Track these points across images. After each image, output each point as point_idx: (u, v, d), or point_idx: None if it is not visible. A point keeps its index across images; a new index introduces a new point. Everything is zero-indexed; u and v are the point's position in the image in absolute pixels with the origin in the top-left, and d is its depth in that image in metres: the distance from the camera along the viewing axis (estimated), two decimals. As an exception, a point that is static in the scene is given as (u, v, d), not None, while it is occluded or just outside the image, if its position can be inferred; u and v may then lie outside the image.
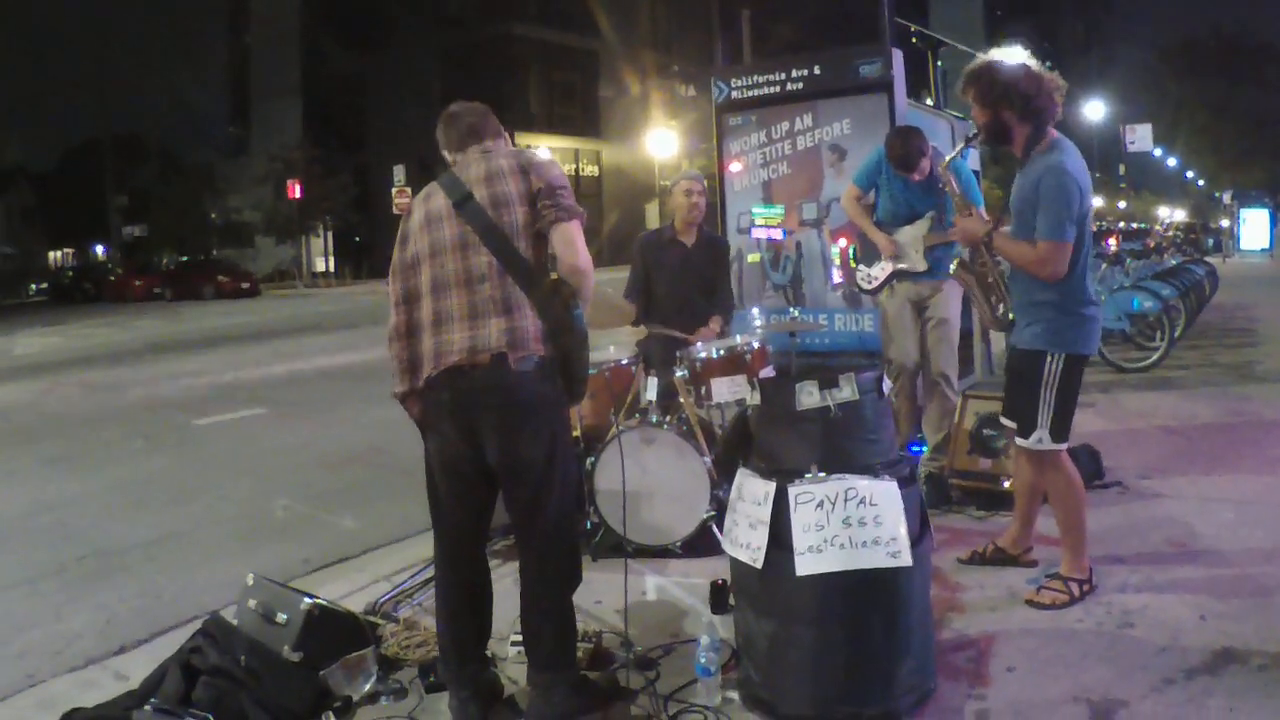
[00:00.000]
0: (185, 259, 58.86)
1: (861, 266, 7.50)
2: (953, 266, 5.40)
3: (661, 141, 46.23)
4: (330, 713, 4.16)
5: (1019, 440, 5.03)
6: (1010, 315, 5.10)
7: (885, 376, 4.20)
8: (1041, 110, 4.86)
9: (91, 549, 7.14)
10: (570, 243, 3.93)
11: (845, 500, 3.79)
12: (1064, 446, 4.97)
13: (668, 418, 6.05)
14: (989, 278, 5.20)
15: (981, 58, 5.11)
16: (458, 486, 4.10)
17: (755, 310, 7.76)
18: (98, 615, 5.90)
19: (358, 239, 60.51)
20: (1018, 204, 4.94)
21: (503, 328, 3.87)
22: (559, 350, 3.94)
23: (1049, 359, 4.87)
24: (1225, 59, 67.32)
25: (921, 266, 7.15)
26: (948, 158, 5.63)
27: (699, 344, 6.45)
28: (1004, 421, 5.38)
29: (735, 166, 9.70)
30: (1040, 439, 4.91)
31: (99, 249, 77.87)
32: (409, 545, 6.50)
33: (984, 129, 5.03)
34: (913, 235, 7.14)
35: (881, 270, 7.33)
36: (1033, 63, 4.92)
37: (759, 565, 3.88)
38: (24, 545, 7.36)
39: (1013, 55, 4.98)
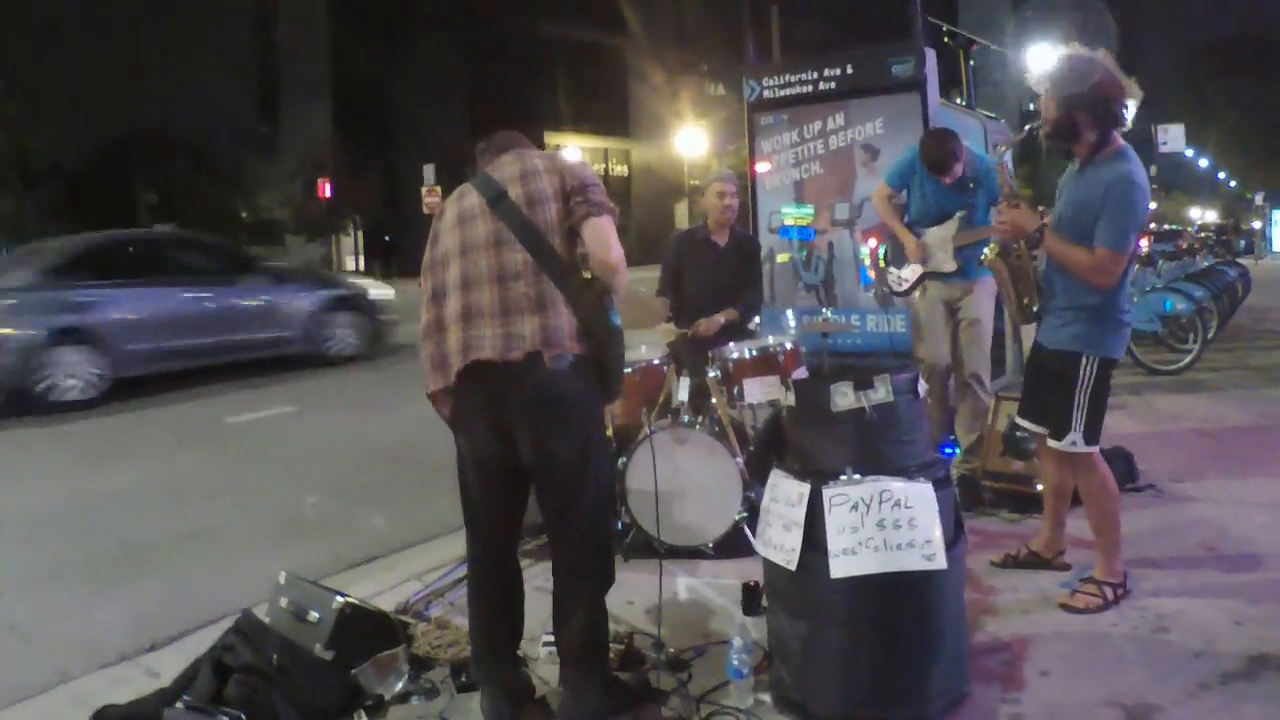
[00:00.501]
0: (214, 255, 58.99)
1: (891, 268, 7.48)
2: (988, 251, 5.31)
3: (690, 140, 46.24)
4: (362, 711, 4.18)
5: (1052, 443, 5.00)
6: (1034, 308, 5.06)
7: (920, 378, 4.18)
8: (1116, 117, 4.78)
9: (123, 545, 7.17)
10: (602, 238, 3.93)
11: (880, 502, 3.78)
12: (1097, 448, 4.95)
13: (700, 418, 6.04)
14: (1022, 267, 5.15)
15: (1066, 50, 5.01)
16: (490, 485, 4.09)
17: (790, 313, 7.73)
18: (128, 612, 5.91)
19: (387, 238, 60.62)
20: (1075, 207, 4.86)
21: (537, 325, 3.86)
22: (593, 347, 3.94)
23: (1085, 361, 4.84)
24: (1257, 58, 66.96)
25: (950, 267, 7.12)
26: (1003, 146, 5.50)
27: (730, 343, 6.44)
28: (1020, 421, 5.36)
29: (762, 166, 9.68)
30: (1074, 441, 4.88)
31: (129, 246, 78.11)
32: (440, 544, 6.50)
33: (1052, 124, 4.90)
34: (941, 236, 7.11)
35: (911, 272, 7.30)
36: (1112, 64, 4.83)
37: (793, 567, 3.87)
38: (56, 541, 7.39)
39: (1096, 54, 4.89)
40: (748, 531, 5.65)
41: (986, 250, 5.36)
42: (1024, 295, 5.15)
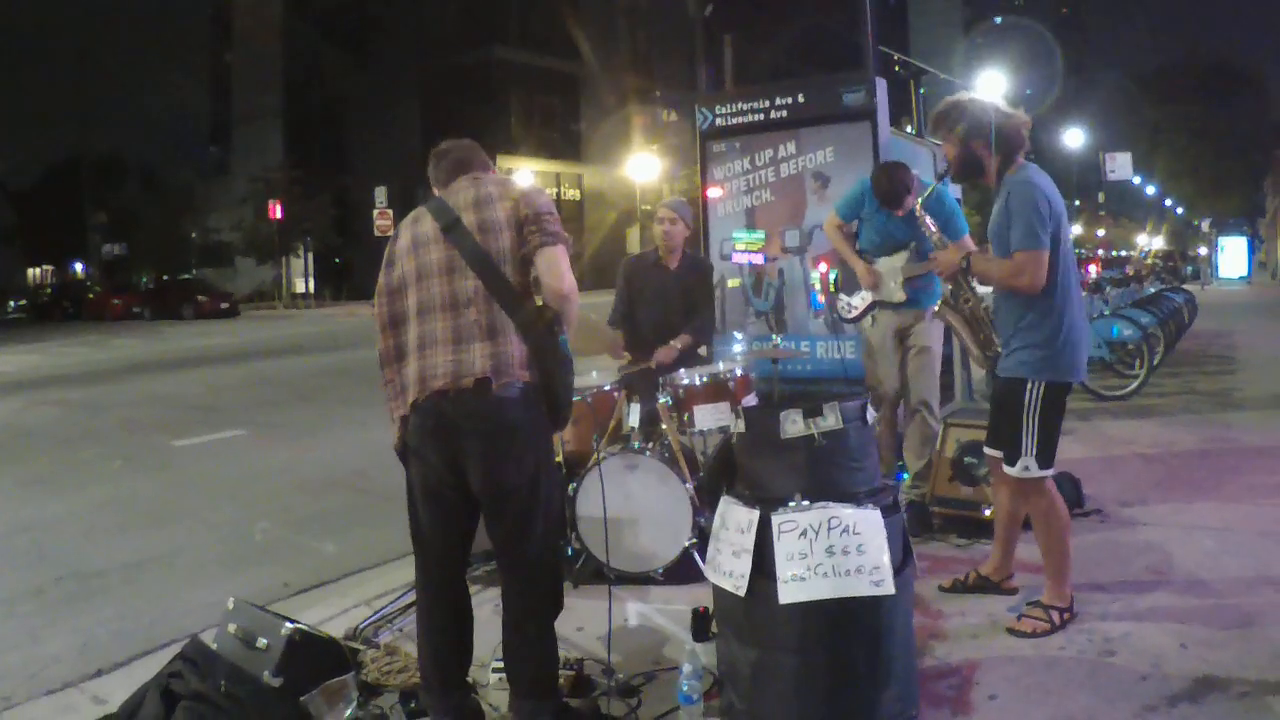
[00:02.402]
0: (165, 278, 58.65)
1: (842, 295, 7.53)
2: (936, 307, 5.46)
3: (643, 166, 46.45)
4: (310, 739, 4.15)
5: (1006, 468, 5.05)
6: (998, 348, 5.14)
7: (869, 404, 4.21)
8: (1010, 140, 5.02)
9: (69, 571, 7.11)
10: (555, 267, 3.94)
11: (829, 529, 3.80)
12: (1050, 473, 5.00)
13: (650, 444, 6.04)
14: (973, 313, 5.26)
15: (949, 98, 5.28)
16: (439, 511, 4.09)
17: (738, 335, 7.74)
18: (75, 638, 5.86)
19: (337, 260, 60.43)
20: (994, 227, 5.05)
21: (487, 352, 3.88)
22: (543, 375, 3.95)
23: (1030, 386, 4.92)
24: (1203, 84, 67.86)
25: (899, 298, 7.17)
26: (920, 199, 5.68)
27: (681, 370, 6.45)
28: (988, 451, 5.41)
29: (714, 192, 9.69)
30: (1027, 466, 4.94)
31: (78, 267, 77.65)
32: (390, 570, 6.48)
33: (955, 162, 5.19)
34: (891, 266, 7.16)
35: (861, 300, 7.35)
36: (1000, 100, 5.12)
37: (742, 593, 3.88)
38: (0, 567, 7.32)
39: (975, 94, 5.23)
40: (697, 558, 5.65)
41: (936, 306, 5.50)
42: (981, 338, 5.25)
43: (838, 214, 7.42)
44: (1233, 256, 50.72)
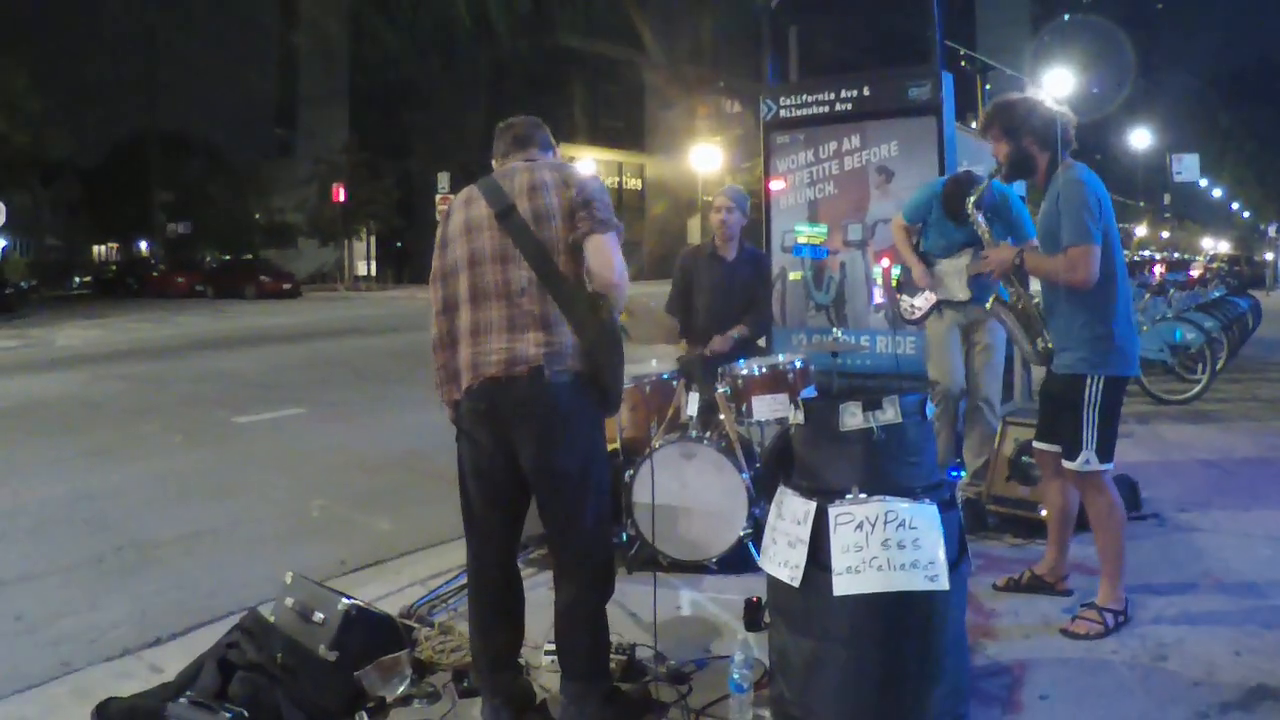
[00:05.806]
0: (228, 258, 59.13)
1: (904, 296, 7.49)
2: (989, 303, 5.45)
3: (706, 157, 46.30)
4: (364, 713, 4.20)
5: (1066, 463, 5.03)
6: (1049, 346, 5.13)
7: (929, 400, 4.20)
8: (1059, 137, 5.05)
9: (129, 540, 7.22)
10: (604, 255, 3.93)
11: (885, 522, 3.79)
12: (1109, 467, 4.99)
13: (708, 433, 6.05)
14: (1025, 310, 5.26)
15: (999, 97, 5.37)
16: (490, 494, 4.12)
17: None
18: (134, 606, 5.95)
19: (399, 244, 60.75)
20: (1044, 224, 5.09)
21: (540, 341, 3.90)
22: (594, 363, 3.97)
23: (1089, 381, 4.92)
24: (1277, 89, 66.84)
25: (962, 296, 7.13)
26: (971, 199, 5.64)
27: (740, 360, 6.46)
28: (1037, 445, 5.39)
29: (777, 185, 9.67)
30: (1087, 460, 4.93)
31: (143, 245, 78.32)
32: (445, 550, 6.53)
33: (1007, 160, 5.19)
34: (956, 265, 7.12)
35: (924, 300, 7.32)
36: (1053, 99, 5.16)
37: (796, 584, 3.88)
38: (63, 534, 7.45)
39: (1026, 93, 5.28)
40: (752, 548, 5.67)
41: (988, 303, 5.54)
42: (1035, 336, 5.24)
43: (905, 218, 7.38)
44: (1300, 263, 50.02)
